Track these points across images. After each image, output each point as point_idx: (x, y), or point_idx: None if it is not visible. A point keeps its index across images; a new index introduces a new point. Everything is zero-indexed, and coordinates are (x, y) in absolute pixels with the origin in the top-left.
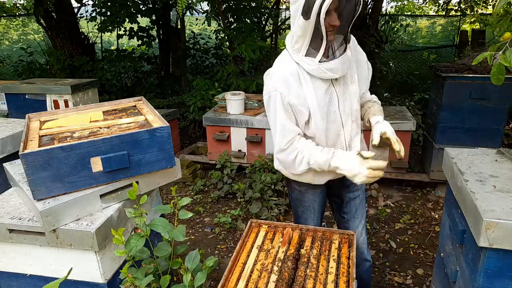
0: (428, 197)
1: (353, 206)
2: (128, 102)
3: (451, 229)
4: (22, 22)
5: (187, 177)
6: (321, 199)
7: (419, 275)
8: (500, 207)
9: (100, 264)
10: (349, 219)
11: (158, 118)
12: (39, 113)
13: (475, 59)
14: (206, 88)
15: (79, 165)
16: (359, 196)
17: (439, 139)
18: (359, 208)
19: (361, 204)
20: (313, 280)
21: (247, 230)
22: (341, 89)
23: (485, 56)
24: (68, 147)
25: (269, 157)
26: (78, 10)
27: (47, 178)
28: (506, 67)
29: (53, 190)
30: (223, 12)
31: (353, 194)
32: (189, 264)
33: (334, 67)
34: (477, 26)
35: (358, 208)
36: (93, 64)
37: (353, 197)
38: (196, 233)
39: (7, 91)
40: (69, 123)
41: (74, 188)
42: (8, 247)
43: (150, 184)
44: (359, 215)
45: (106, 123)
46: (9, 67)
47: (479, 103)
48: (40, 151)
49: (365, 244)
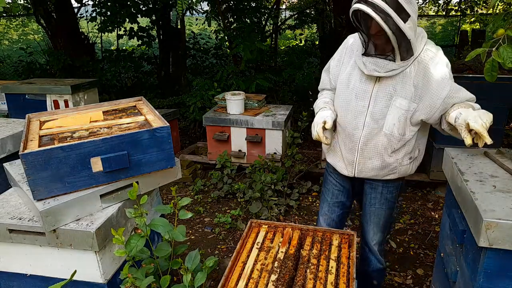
0: (428, 197)
1: (367, 212)
2: (128, 102)
3: (451, 229)
4: (22, 22)
5: (187, 177)
6: (342, 188)
7: (419, 275)
8: (500, 207)
9: (100, 264)
10: (364, 223)
11: (158, 118)
12: (39, 113)
13: (468, 55)
14: (206, 88)
15: (79, 165)
16: (375, 205)
17: (439, 139)
18: (373, 216)
19: (376, 213)
20: (313, 280)
21: (247, 230)
22: (381, 94)
23: (478, 52)
24: (68, 147)
25: (269, 157)
26: (78, 10)
27: (47, 178)
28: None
29: (53, 190)
30: (223, 12)
31: (370, 202)
32: (189, 264)
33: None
34: (477, 26)
35: (372, 216)
36: (93, 64)
37: (369, 204)
38: (196, 233)
39: (7, 91)
40: (69, 123)
41: (74, 188)
42: (8, 247)
43: (150, 184)
44: (373, 223)
45: (106, 123)
46: (9, 67)
47: (479, 103)
48: (40, 151)
49: (375, 253)
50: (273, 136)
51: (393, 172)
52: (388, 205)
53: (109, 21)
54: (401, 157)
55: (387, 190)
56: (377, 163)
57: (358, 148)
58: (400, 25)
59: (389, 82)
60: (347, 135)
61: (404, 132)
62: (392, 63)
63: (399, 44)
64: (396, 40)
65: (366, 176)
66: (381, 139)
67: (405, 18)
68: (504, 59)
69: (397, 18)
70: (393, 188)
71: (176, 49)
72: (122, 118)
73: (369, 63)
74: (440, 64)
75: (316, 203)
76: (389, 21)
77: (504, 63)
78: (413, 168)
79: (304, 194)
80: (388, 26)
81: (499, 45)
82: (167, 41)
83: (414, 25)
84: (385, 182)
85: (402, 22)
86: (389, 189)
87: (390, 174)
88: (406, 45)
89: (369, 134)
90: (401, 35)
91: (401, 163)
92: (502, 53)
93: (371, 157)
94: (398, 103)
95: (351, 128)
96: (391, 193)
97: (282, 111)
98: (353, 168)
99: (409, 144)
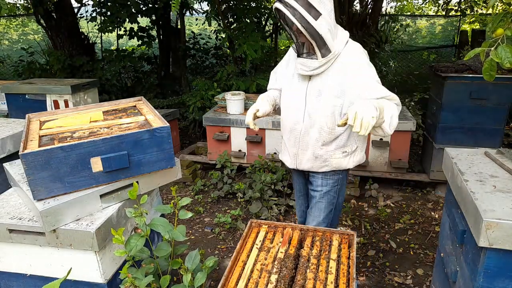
0: (428, 197)
1: (311, 202)
2: (128, 102)
3: (451, 229)
4: (22, 22)
5: (187, 177)
6: (303, 180)
7: (419, 275)
8: (500, 207)
9: (100, 264)
10: (308, 213)
11: (158, 118)
12: (39, 113)
13: (467, 54)
14: (206, 88)
15: (79, 165)
16: (316, 197)
17: (439, 139)
18: (315, 206)
19: (318, 204)
20: (313, 280)
21: (247, 230)
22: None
23: (477, 52)
24: (68, 147)
25: (268, 157)
26: (78, 10)
27: (47, 178)
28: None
29: (53, 190)
30: (223, 12)
31: (313, 192)
32: (189, 264)
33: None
34: (477, 26)
35: (314, 207)
36: (93, 64)
37: (313, 195)
38: (196, 233)
39: (7, 91)
40: (69, 123)
41: (74, 188)
42: (8, 247)
43: (150, 184)
44: (315, 214)
45: (106, 123)
46: (9, 67)
47: (479, 103)
48: (40, 151)
49: None
50: (273, 136)
51: (325, 164)
52: (327, 199)
53: (109, 21)
54: (332, 150)
55: (326, 182)
56: (310, 154)
57: (298, 141)
58: (310, 20)
59: (318, 80)
60: (290, 130)
61: (334, 126)
62: (315, 61)
63: (315, 40)
64: (310, 36)
65: (304, 168)
66: (314, 133)
67: (316, 15)
68: (502, 59)
69: (306, 14)
70: (332, 182)
71: (176, 49)
72: (122, 118)
73: (299, 63)
74: (357, 63)
75: None
76: (297, 15)
77: (502, 63)
78: (349, 162)
79: None
80: (298, 21)
81: (498, 44)
82: (167, 41)
83: (327, 24)
84: (323, 175)
85: (313, 19)
86: (328, 182)
87: (324, 166)
88: (322, 41)
89: (305, 128)
90: (313, 31)
91: (332, 156)
92: (500, 52)
93: (306, 149)
94: (326, 99)
95: (292, 123)
96: (329, 185)
97: None
98: (296, 160)
99: (340, 138)
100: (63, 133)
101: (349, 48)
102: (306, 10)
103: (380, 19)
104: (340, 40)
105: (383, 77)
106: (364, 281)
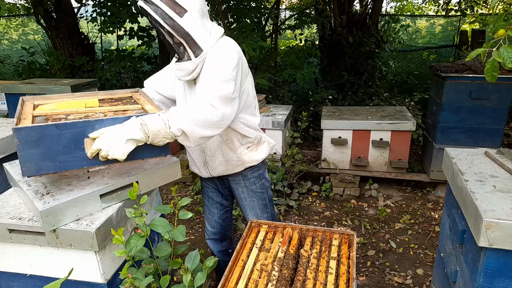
0: (428, 197)
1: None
2: (124, 93)
3: (451, 229)
4: (22, 22)
5: (187, 177)
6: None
7: (419, 275)
8: (500, 207)
9: (100, 264)
10: (244, 216)
11: (155, 107)
12: (33, 96)
13: (468, 55)
14: None
15: (72, 145)
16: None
17: (439, 139)
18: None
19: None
20: (313, 280)
21: (247, 230)
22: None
23: (478, 52)
24: (63, 125)
25: (268, 157)
26: (78, 10)
27: (38, 155)
28: (505, 67)
29: (43, 168)
30: (223, 12)
31: (240, 197)
32: (189, 264)
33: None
34: (477, 26)
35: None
36: (93, 64)
37: (240, 199)
38: (196, 233)
39: (7, 91)
40: (64, 107)
41: (64, 168)
42: (8, 247)
43: (150, 184)
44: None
45: (101, 109)
46: (9, 67)
47: (479, 103)
48: (34, 126)
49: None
50: (273, 136)
51: (238, 164)
52: (256, 195)
53: (110, 21)
54: (236, 148)
55: (249, 182)
56: (221, 158)
57: (203, 149)
58: (174, 17)
59: (198, 83)
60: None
61: (226, 129)
62: (190, 63)
63: (183, 38)
64: (177, 34)
65: (220, 173)
66: (214, 137)
67: (181, 12)
68: (504, 59)
69: (169, 11)
70: (254, 179)
71: None
72: (117, 106)
73: (178, 69)
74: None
75: (316, 203)
76: (160, 12)
77: (504, 63)
78: (259, 153)
79: (304, 194)
80: (161, 18)
81: (500, 45)
82: None
83: (194, 21)
84: (243, 175)
85: (177, 16)
86: (250, 181)
87: (237, 166)
88: (191, 40)
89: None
90: (179, 28)
91: (241, 154)
92: (503, 53)
93: (213, 154)
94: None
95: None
96: (254, 184)
97: (282, 111)
98: (208, 169)
99: (235, 136)
100: (58, 115)
101: (216, 46)
102: (170, 7)
103: (380, 19)
104: (213, 36)
105: (383, 77)
106: (364, 281)
